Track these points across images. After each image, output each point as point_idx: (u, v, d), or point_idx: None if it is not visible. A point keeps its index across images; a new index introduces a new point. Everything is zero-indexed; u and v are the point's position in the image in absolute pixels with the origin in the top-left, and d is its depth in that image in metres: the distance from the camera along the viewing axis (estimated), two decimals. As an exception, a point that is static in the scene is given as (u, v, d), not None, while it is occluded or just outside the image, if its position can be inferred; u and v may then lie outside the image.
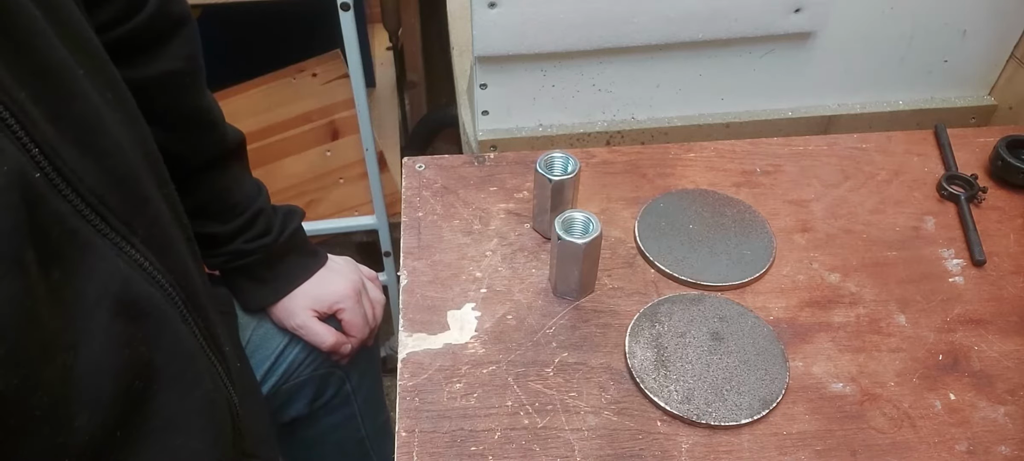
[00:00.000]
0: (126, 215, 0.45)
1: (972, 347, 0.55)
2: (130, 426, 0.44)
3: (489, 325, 0.56)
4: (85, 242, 0.41)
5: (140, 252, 0.46)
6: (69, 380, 0.39)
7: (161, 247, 0.48)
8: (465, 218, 0.64)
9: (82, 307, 0.40)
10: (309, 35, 1.27)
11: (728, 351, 0.54)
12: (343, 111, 1.28)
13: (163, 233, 0.50)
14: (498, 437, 0.49)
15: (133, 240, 0.45)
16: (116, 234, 0.44)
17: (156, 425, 0.46)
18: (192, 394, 0.50)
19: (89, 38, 0.48)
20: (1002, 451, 0.49)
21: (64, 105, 0.42)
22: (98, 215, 0.43)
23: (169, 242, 0.50)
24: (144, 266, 0.46)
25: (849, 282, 0.60)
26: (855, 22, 0.77)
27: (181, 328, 0.50)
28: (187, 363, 0.50)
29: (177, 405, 0.48)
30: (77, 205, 0.41)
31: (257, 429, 0.65)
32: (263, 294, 0.75)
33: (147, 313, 0.45)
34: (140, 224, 0.46)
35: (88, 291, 0.41)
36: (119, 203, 0.44)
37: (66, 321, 0.39)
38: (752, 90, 0.81)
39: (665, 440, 0.50)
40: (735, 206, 0.65)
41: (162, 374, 0.46)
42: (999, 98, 0.84)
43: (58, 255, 0.39)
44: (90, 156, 0.43)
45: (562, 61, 0.76)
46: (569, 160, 0.59)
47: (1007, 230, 0.64)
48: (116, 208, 0.44)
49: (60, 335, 0.38)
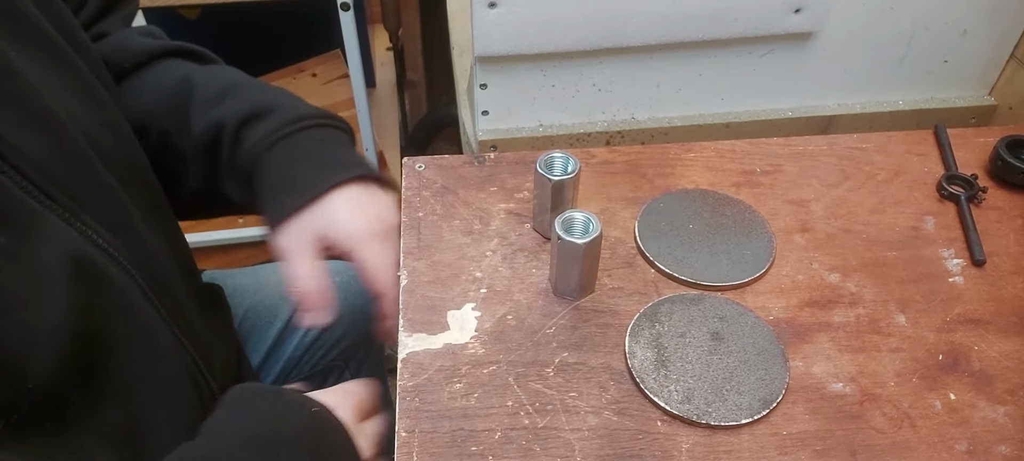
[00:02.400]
0: (74, 191, 0.46)
1: (972, 347, 0.55)
2: (87, 389, 0.45)
3: (489, 325, 0.56)
4: (34, 212, 0.43)
5: (92, 228, 0.46)
6: (24, 337, 0.40)
7: (114, 224, 0.48)
8: (465, 218, 0.64)
9: (39, 268, 0.41)
10: (309, 35, 1.27)
11: (728, 351, 0.54)
12: (343, 111, 1.28)
13: (115, 211, 0.50)
14: (498, 437, 0.49)
15: (82, 216, 0.46)
16: (63, 209, 0.45)
17: (115, 391, 0.46)
18: (153, 368, 0.50)
19: (27, 15, 0.49)
20: (1002, 451, 0.49)
21: (2, 84, 0.43)
22: (40, 190, 0.43)
23: (123, 220, 0.50)
24: (97, 242, 0.47)
25: (849, 282, 0.60)
26: (855, 22, 0.77)
27: (142, 303, 0.50)
28: (146, 338, 0.50)
29: (135, 375, 0.48)
30: (16, 180, 0.42)
31: None
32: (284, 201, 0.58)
33: (103, 283, 0.46)
34: (89, 201, 0.47)
35: (44, 254, 0.42)
36: (66, 179, 0.45)
37: (20, 281, 0.40)
38: (752, 90, 0.81)
39: (665, 440, 0.50)
40: (735, 206, 0.65)
41: (120, 343, 0.47)
42: (999, 98, 0.84)
43: (7, 221, 0.40)
44: (32, 133, 0.44)
45: (562, 61, 0.76)
46: (569, 160, 0.59)
47: (1007, 230, 0.64)
48: (62, 184, 0.45)
49: (12, 294, 0.39)
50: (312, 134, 0.60)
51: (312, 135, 0.60)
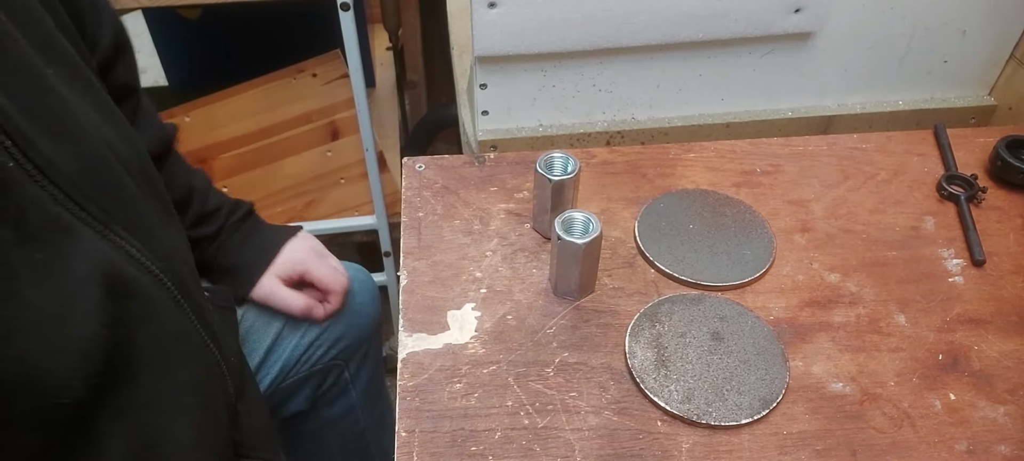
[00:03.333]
0: (104, 203, 0.46)
1: (972, 347, 0.55)
2: (116, 400, 0.45)
3: (489, 325, 0.56)
4: (68, 226, 0.43)
5: (123, 238, 0.47)
6: (57, 353, 0.40)
7: (144, 234, 0.50)
8: (465, 218, 0.64)
9: (72, 283, 0.42)
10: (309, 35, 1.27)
11: (728, 351, 0.54)
12: (343, 111, 1.28)
13: (144, 222, 0.51)
14: (498, 437, 0.49)
15: (114, 227, 0.47)
16: (96, 221, 0.45)
17: (143, 402, 0.47)
18: (182, 377, 0.51)
19: (58, 42, 0.50)
20: (1002, 451, 0.49)
21: (37, 99, 0.44)
22: (75, 203, 0.44)
23: (151, 228, 0.51)
24: (129, 252, 0.47)
25: (849, 282, 0.60)
26: (855, 22, 0.77)
27: (173, 311, 0.51)
28: (171, 344, 0.51)
29: (163, 384, 0.49)
30: (53, 193, 0.43)
31: (255, 425, 0.65)
32: (232, 285, 0.75)
33: (133, 295, 0.47)
34: (119, 211, 0.48)
35: (77, 269, 0.42)
36: (96, 191, 0.46)
37: (54, 297, 0.41)
38: (752, 90, 0.81)
39: (665, 440, 0.50)
40: (735, 206, 0.65)
41: (148, 354, 0.48)
42: (999, 98, 0.84)
43: (40, 237, 0.41)
44: (65, 147, 0.44)
45: (562, 61, 0.76)
46: (569, 160, 0.59)
47: (1007, 230, 0.64)
48: (94, 195, 0.46)
49: (44, 311, 0.40)
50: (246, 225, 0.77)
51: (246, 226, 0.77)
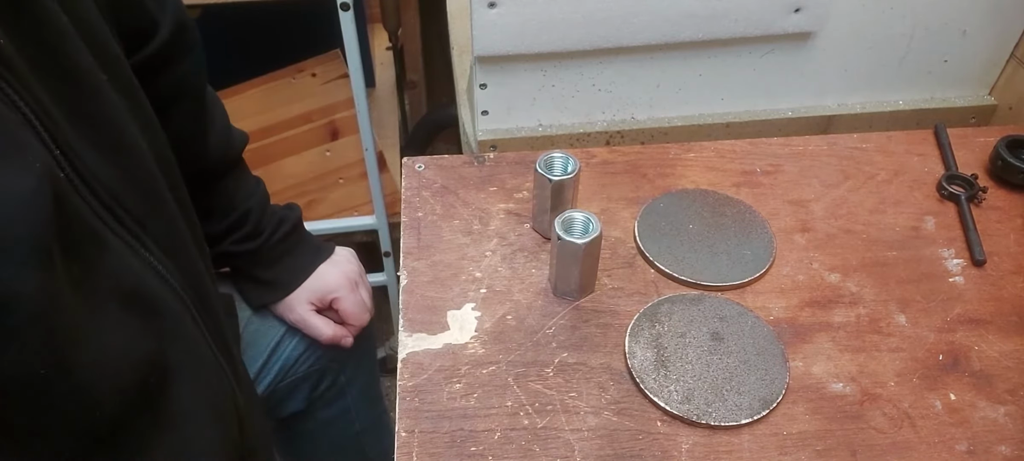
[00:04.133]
0: (141, 216, 0.46)
1: (972, 347, 0.55)
2: (148, 416, 0.45)
3: (489, 325, 0.56)
4: (102, 241, 0.43)
5: (152, 253, 0.47)
6: (93, 366, 0.40)
7: (173, 249, 0.50)
8: (465, 218, 0.64)
9: (97, 300, 0.42)
10: (309, 35, 1.27)
11: (728, 351, 0.54)
12: (343, 111, 1.28)
13: (176, 235, 0.51)
14: (498, 437, 0.49)
15: (145, 241, 0.46)
16: (129, 234, 0.45)
17: (172, 417, 0.47)
18: (202, 392, 0.51)
19: (109, 45, 0.49)
20: (1002, 451, 0.49)
21: (85, 107, 0.43)
22: (113, 216, 0.44)
23: (181, 244, 0.52)
24: (156, 267, 0.47)
25: (849, 282, 0.60)
26: (855, 22, 0.77)
27: (192, 329, 0.51)
28: (199, 362, 0.51)
29: (190, 400, 0.49)
30: (93, 205, 0.42)
31: (256, 426, 0.65)
32: (261, 293, 0.76)
33: (159, 311, 0.46)
34: (154, 225, 0.48)
35: (101, 286, 0.42)
36: (135, 204, 0.46)
37: (88, 312, 0.40)
38: (752, 90, 0.81)
39: (665, 440, 0.49)
40: (735, 206, 0.65)
41: (176, 369, 0.48)
42: (999, 98, 0.84)
43: (78, 251, 0.40)
44: (108, 157, 0.44)
45: (562, 61, 0.76)
46: (569, 160, 0.59)
47: (1007, 230, 0.64)
48: (132, 209, 0.45)
49: (79, 325, 0.40)
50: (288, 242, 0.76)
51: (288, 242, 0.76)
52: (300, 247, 0.77)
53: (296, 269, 0.76)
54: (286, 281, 0.76)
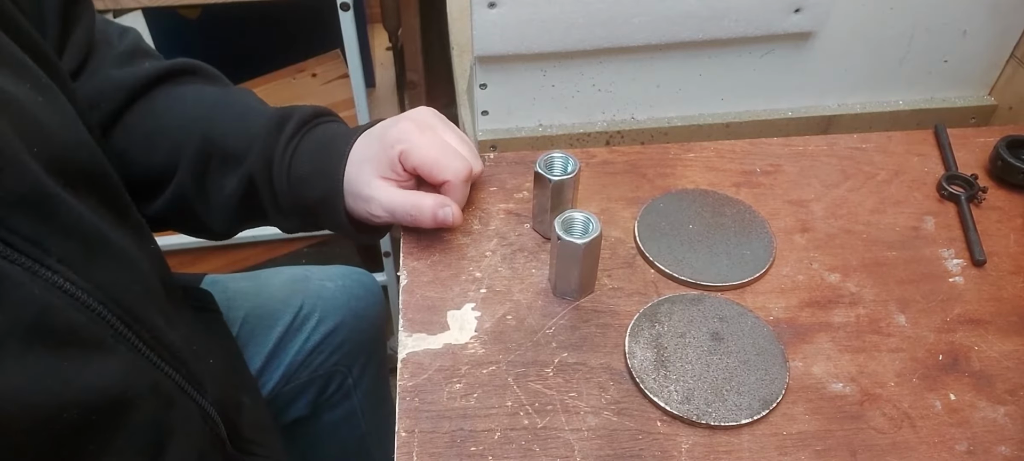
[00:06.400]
0: (33, 234, 0.41)
1: (972, 347, 0.55)
2: (93, 447, 0.42)
3: (489, 325, 0.56)
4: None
5: (57, 272, 0.42)
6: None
7: (81, 260, 0.44)
8: (465, 218, 0.64)
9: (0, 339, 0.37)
10: (309, 35, 1.27)
11: (728, 351, 0.54)
12: (343, 111, 1.28)
13: (82, 242, 0.45)
14: (498, 437, 0.49)
15: (47, 261, 0.41)
16: (26, 257, 0.40)
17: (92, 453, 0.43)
18: (130, 416, 0.46)
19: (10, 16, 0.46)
20: (1002, 451, 0.49)
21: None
22: (2, 241, 0.39)
23: (92, 250, 0.45)
24: (63, 287, 0.42)
25: (849, 282, 0.60)
26: (855, 22, 0.77)
27: (110, 342, 0.45)
28: (124, 378, 0.46)
29: (110, 432, 0.44)
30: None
31: (254, 420, 0.65)
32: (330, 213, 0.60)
33: (68, 341, 0.42)
34: (52, 241, 0.42)
35: (3, 322, 0.38)
36: (23, 222, 0.41)
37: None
38: (752, 90, 0.81)
39: (665, 440, 0.49)
40: (735, 206, 0.65)
41: (91, 402, 0.43)
42: (999, 98, 0.84)
43: None
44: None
45: (562, 61, 0.76)
46: (569, 160, 0.59)
47: (1007, 230, 0.64)
48: (20, 229, 0.40)
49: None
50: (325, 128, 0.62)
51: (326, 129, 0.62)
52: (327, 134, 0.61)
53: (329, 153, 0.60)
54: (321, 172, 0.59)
